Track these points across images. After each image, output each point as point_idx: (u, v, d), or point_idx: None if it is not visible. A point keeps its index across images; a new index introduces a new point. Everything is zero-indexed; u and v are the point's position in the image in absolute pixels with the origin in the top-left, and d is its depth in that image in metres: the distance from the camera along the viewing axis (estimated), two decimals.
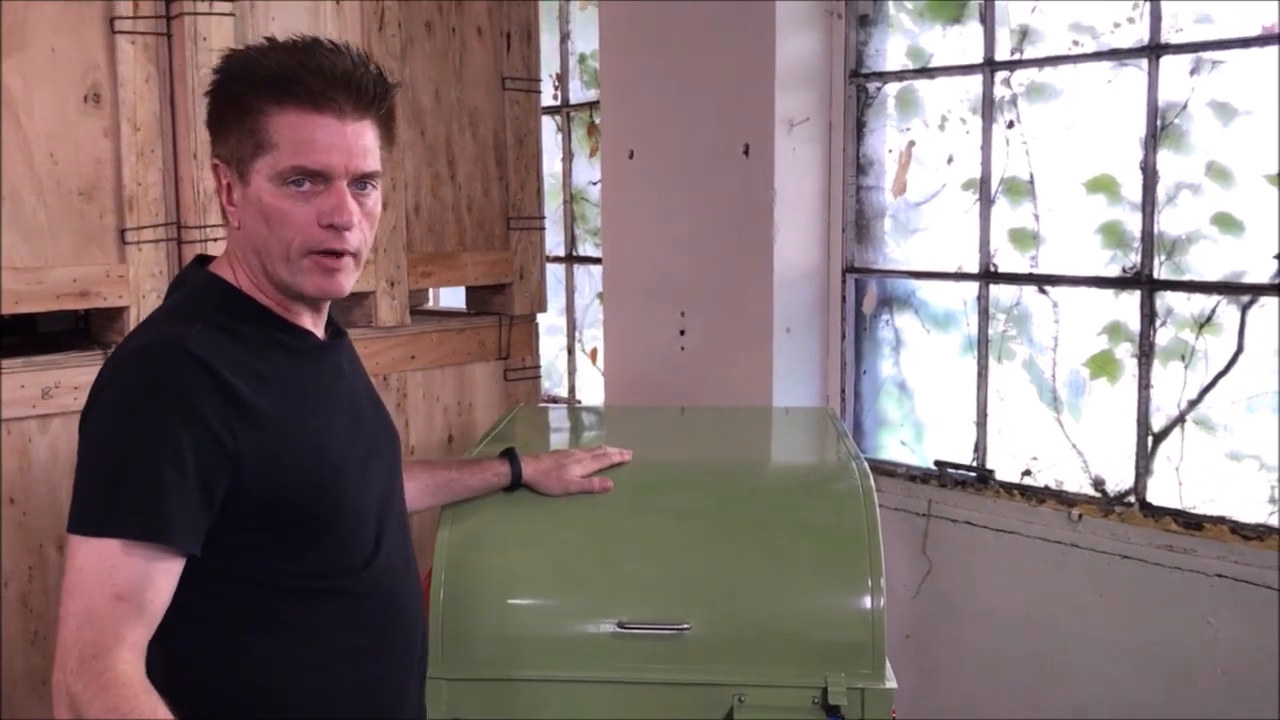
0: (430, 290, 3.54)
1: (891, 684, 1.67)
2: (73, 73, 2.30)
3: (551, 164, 3.71)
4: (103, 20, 2.33)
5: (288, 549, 1.36)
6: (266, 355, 1.37)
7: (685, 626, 1.70)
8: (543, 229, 3.09)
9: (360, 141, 1.33)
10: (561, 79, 3.82)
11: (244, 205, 1.35)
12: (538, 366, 3.11)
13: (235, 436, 1.28)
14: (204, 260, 1.48)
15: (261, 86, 1.31)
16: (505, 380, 3.01)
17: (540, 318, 3.15)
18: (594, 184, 3.69)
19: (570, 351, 3.93)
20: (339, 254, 1.35)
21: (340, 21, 2.64)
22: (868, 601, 1.70)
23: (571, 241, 3.88)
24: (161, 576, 1.25)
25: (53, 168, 2.28)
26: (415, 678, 1.53)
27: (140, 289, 2.38)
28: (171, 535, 1.24)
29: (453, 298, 3.60)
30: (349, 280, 1.38)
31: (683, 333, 3.09)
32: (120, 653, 1.19)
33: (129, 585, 1.22)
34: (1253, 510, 2.35)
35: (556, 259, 3.84)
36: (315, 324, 1.46)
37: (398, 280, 2.76)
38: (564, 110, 3.82)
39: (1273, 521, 2.31)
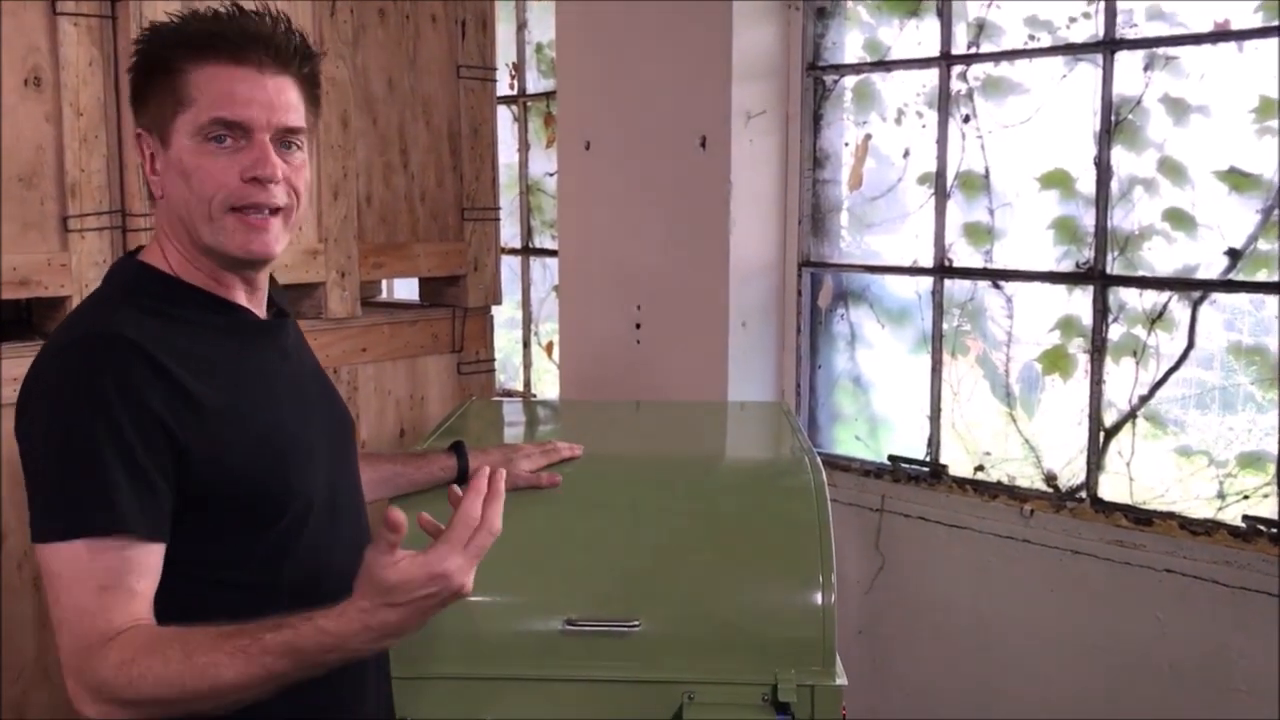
0: (383, 281, 3.49)
1: (842, 680, 1.66)
2: (12, 55, 2.24)
3: (507, 154, 3.68)
4: (44, 2, 2.27)
5: (234, 540, 1.32)
6: (203, 338, 1.33)
7: (635, 624, 1.68)
8: (498, 220, 3.05)
9: (282, 96, 1.31)
10: (518, 68, 3.79)
11: (166, 170, 1.32)
12: (492, 360, 3.07)
13: (179, 423, 1.25)
14: (137, 252, 1.43)
15: (181, 45, 1.29)
16: (459, 374, 2.97)
17: (496, 311, 3.11)
18: (550, 175, 3.66)
19: (526, 345, 3.89)
20: (264, 211, 1.31)
21: (291, 6, 2.58)
22: (818, 598, 1.69)
23: (527, 233, 3.85)
24: (141, 560, 1.23)
25: None
26: (373, 667, 1.49)
27: (83, 278, 2.32)
28: (133, 525, 1.22)
29: (406, 289, 3.56)
30: (277, 241, 1.33)
31: (639, 326, 3.07)
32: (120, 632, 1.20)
33: (110, 575, 1.21)
34: (1201, 506, 2.37)
35: (512, 251, 3.80)
36: (252, 300, 1.41)
37: (348, 271, 2.72)
38: (520, 100, 3.79)
39: (1221, 517, 2.33)
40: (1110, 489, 2.50)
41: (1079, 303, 2.53)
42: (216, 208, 1.30)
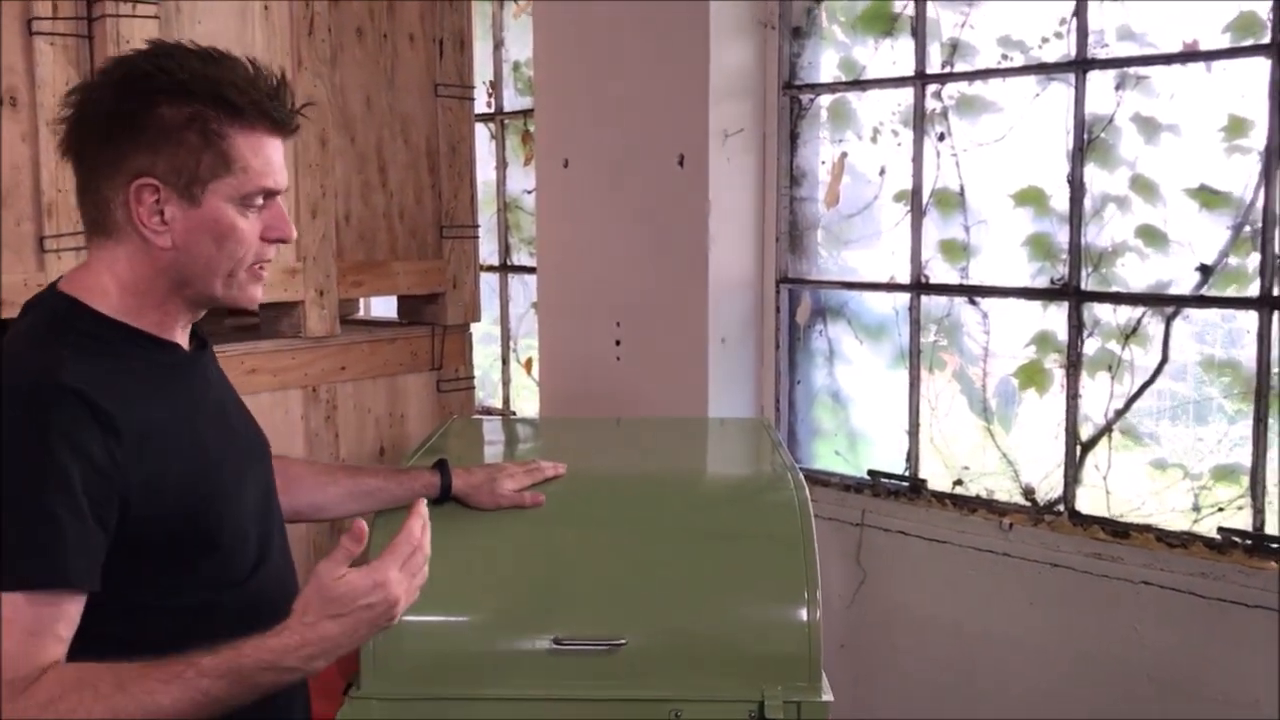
0: (360, 300, 3.49)
1: (828, 697, 1.66)
2: None
3: (485, 172, 3.68)
4: (20, 21, 2.26)
5: (174, 569, 1.34)
6: (139, 375, 1.33)
7: (621, 642, 1.68)
8: (476, 237, 3.06)
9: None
10: (495, 86, 3.80)
11: (186, 224, 1.30)
12: (471, 377, 3.08)
13: (120, 468, 1.25)
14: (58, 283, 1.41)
15: (225, 104, 1.29)
16: (438, 391, 2.98)
17: (473, 328, 3.12)
18: (529, 192, 3.67)
19: (504, 362, 3.89)
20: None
21: (269, 26, 2.59)
22: (804, 614, 1.70)
23: (505, 250, 3.85)
24: (71, 610, 1.24)
25: None
26: (300, 701, 1.52)
27: None
28: (74, 578, 1.22)
29: (384, 307, 3.55)
30: None
31: (619, 343, 3.07)
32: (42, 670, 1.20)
33: (40, 623, 1.20)
34: (1177, 518, 2.40)
35: (490, 268, 3.81)
36: (184, 338, 1.43)
37: (327, 289, 2.71)
38: (498, 118, 3.80)
39: (1197, 529, 2.36)
40: (1087, 502, 2.52)
41: (1054, 318, 2.56)
42: (241, 267, 1.34)
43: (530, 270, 3.65)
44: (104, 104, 1.30)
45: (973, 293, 2.70)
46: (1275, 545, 2.24)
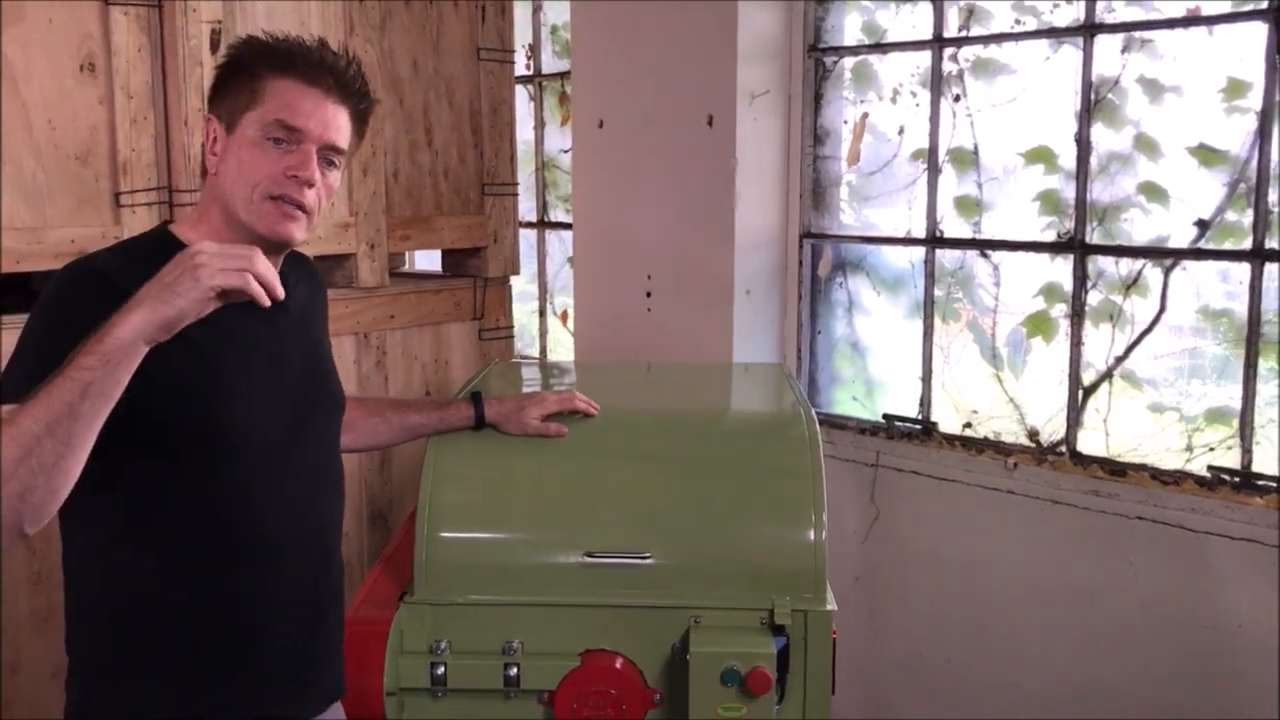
0: (407, 253, 3.67)
1: (832, 606, 1.84)
2: (69, 43, 2.41)
3: (524, 132, 3.84)
4: None
5: (171, 467, 1.48)
6: None
7: (647, 556, 1.86)
8: (516, 195, 3.22)
9: (337, 120, 1.54)
10: (534, 49, 3.94)
11: (224, 152, 1.52)
12: (511, 327, 3.25)
13: None
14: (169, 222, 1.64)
15: (269, 57, 1.53)
16: (480, 340, 3.16)
17: (513, 283, 3.29)
18: (565, 152, 3.82)
19: (542, 314, 4.07)
20: (295, 204, 1.51)
21: None
22: (811, 534, 1.87)
23: (543, 207, 4.02)
24: None
25: (50, 134, 2.40)
26: (302, 622, 1.61)
27: None
28: None
29: (429, 260, 3.74)
30: (300, 231, 1.54)
31: (649, 295, 3.24)
32: None
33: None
34: (1171, 458, 2.55)
35: (529, 224, 3.97)
36: None
37: (378, 243, 2.90)
38: (536, 80, 3.95)
39: (1189, 468, 2.51)
40: (1088, 443, 2.67)
41: (1061, 270, 2.70)
42: (258, 194, 1.50)
43: (566, 226, 3.81)
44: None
45: (985, 246, 2.84)
46: (1262, 482, 2.39)
